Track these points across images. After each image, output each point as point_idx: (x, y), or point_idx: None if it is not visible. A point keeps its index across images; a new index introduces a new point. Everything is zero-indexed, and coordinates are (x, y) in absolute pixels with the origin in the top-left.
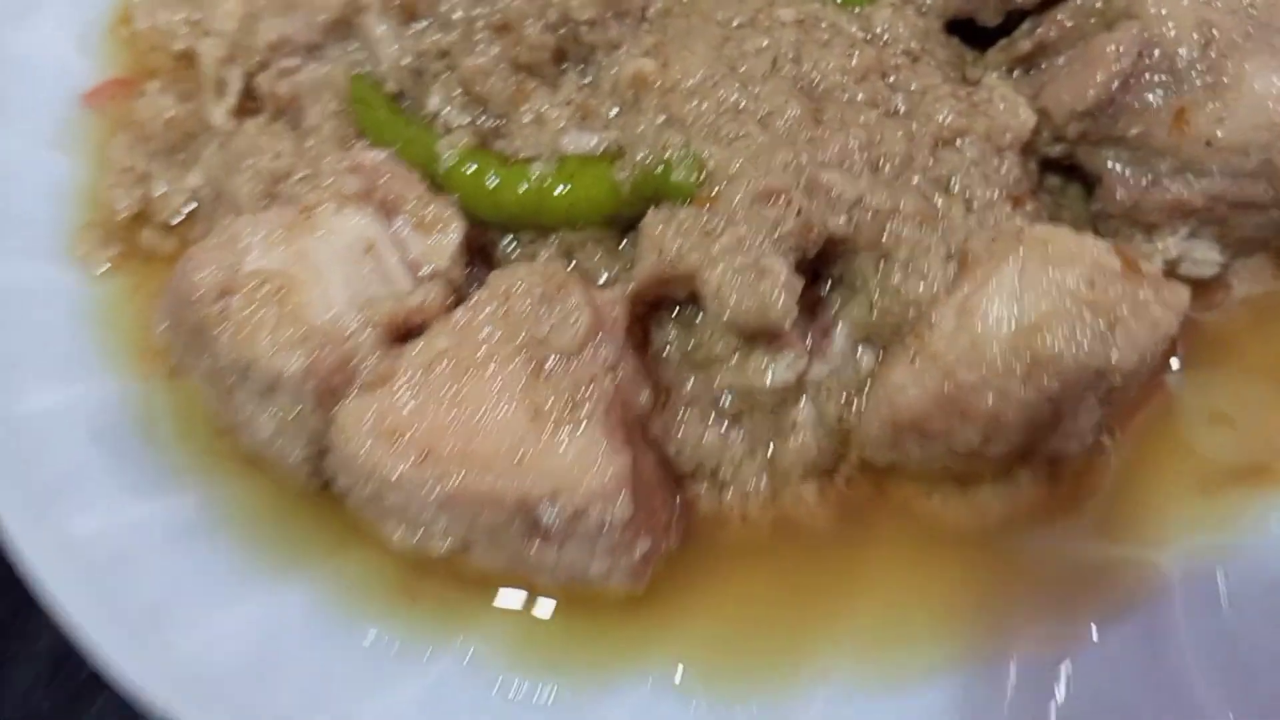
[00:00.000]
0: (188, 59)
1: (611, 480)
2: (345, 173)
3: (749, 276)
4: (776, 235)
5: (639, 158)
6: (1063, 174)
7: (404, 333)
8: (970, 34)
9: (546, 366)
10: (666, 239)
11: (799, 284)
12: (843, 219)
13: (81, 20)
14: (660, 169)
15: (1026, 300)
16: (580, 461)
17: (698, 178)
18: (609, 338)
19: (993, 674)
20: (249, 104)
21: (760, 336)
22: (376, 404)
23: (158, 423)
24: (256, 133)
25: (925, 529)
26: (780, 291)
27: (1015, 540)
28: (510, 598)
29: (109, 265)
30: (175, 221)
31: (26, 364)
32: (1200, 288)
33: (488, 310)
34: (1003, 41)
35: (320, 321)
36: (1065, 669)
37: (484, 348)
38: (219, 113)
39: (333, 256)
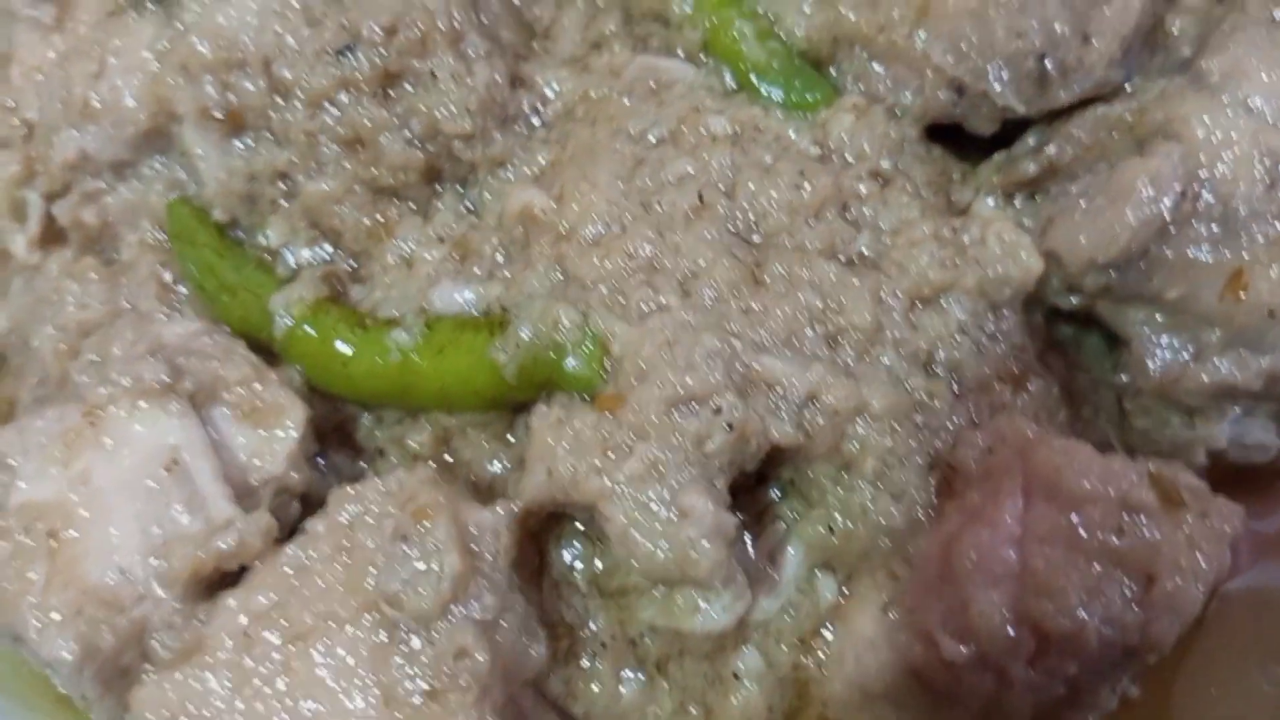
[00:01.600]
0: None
1: None
2: (142, 357)
3: (664, 517)
4: (701, 454)
5: (524, 334)
6: (1078, 324)
7: (215, 581)
8: (958, 142)
9: (402, 632)
10: (559, 455)
11: (732, 524)
12: (790, 426)
13: None
14: (551, 352)
15: (1032, 550)
16: None
17: (600, 368)
18: (486, 583)
19: None
20: (57, 228)
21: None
22: (179, 689)
23: None
24: (61, 272)
25: None
26: (705, 541)
27: None
28: None
29: None
30: None
31: None
32: (1251, 475)
33: (327, 548)
34: (999, 156)
35: (101, 581)
36: None
37: (319, 605)
38: (19, 243)
39: (123, 479)
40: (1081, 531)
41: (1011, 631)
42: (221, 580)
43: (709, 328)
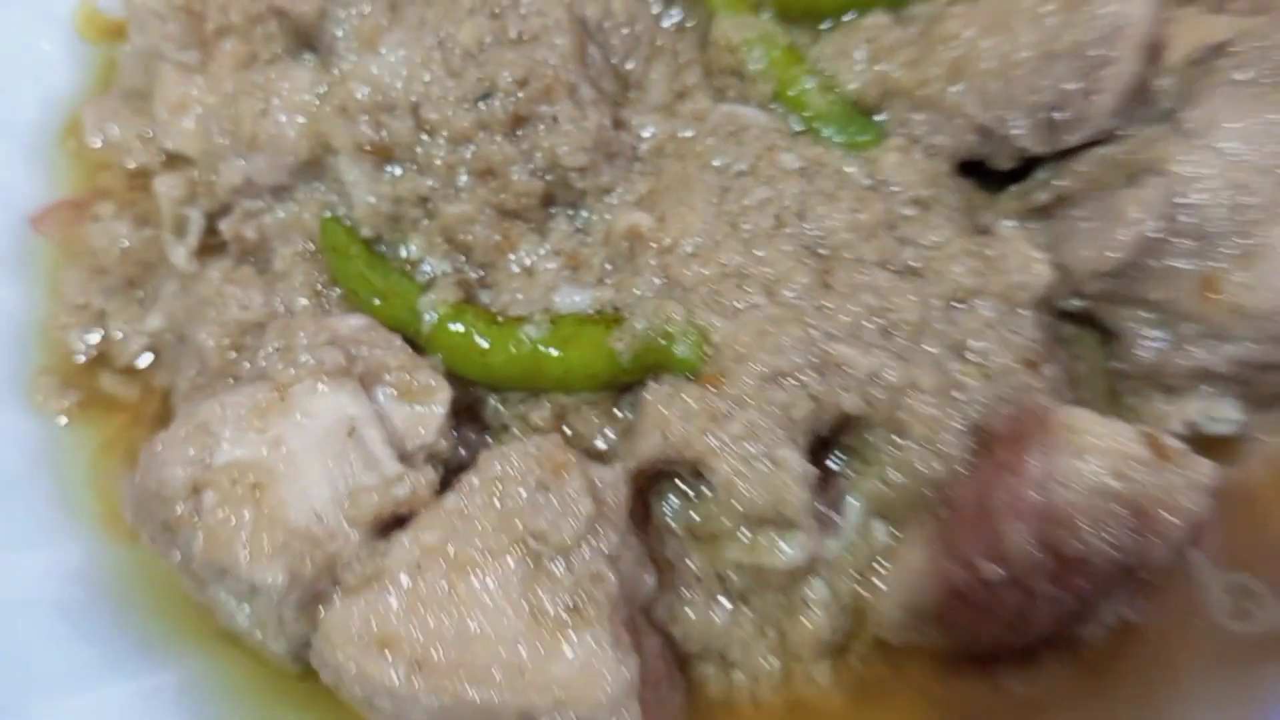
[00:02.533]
0: (143, 178)
1: (618, 691)
2: (322, 344)
3: (761, 467)
4: (788, 419)
5: (639, 327)
6: (1079, 323)
7: (390, 524)
8: (982, 175)
9: (545, 561)
10: (671, 421)
11: (814, 474)
12: (857, 398)
13: (28, 132)
14: (662, 341)
15: (1053, 493)
16: (585, 671)
17: (703, 352)
18: (611, 525)
19: None
20: (212, 241)
21: (774, 522)
22: (363, 610)
23: (129, 592)
24: (221, 279)
25: (944, 711)
26: (795, 485)
27: None
28: None
29: (69, 414)
30: (138, 366)
31: None
32: (1220, 444)
33: (480, 499)
34: (1015, 188)
35: (300, 523)
36: None
37: (477, 542)
38: (180, 254)
39: (312, 444)
40: (1089, 476)
41: (1036, 555)
42: (393, 524)
43: (792, 321)
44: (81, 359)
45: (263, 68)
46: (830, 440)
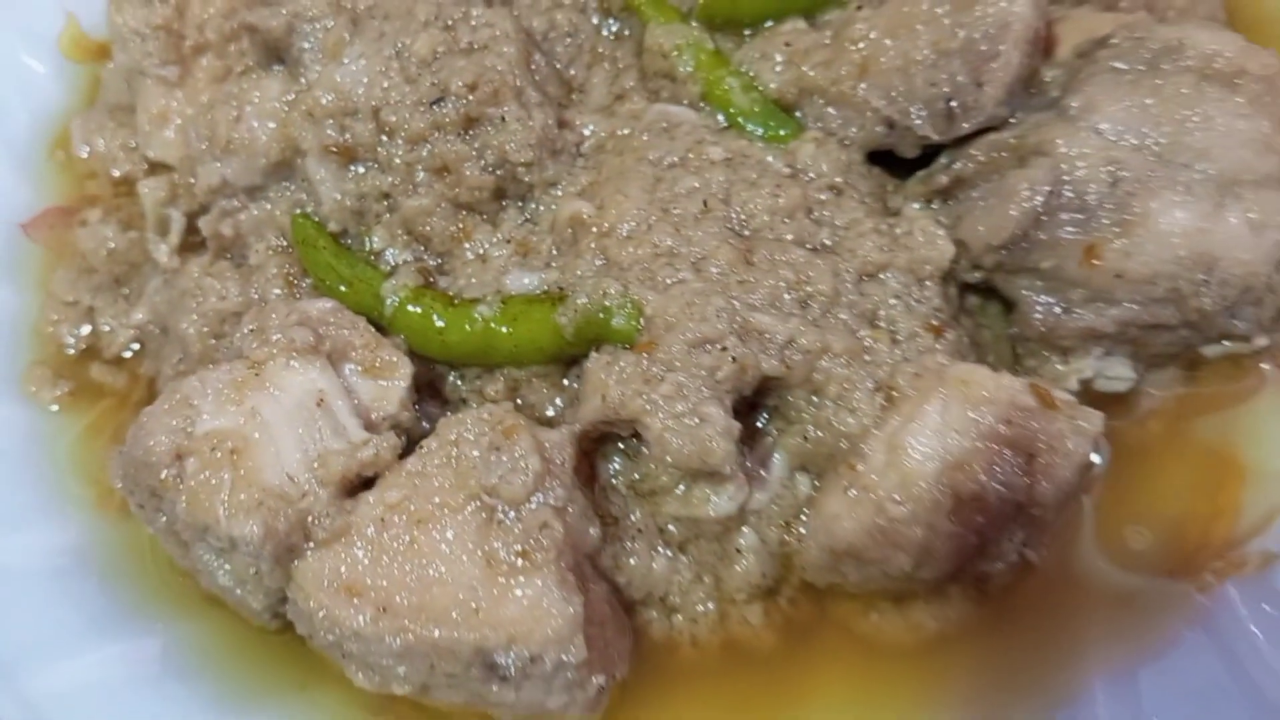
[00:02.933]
0: (127, 185)
1: (565, 626)
2: (292, 325)
3: (689, 423)
4: (714, 380)
5: (580, 302)
6: (982, 294)
7: (357, 484)
8: (891, 163)
9: (498, 514)
10: (609, 385)
11: (737, 428)
12: (776, 361)
13: (17, 145)
14: (601, 314)
15: (950, 439)
16: (533, 610)
17: (637, 323)
18: (558, 480)
19: None
20: (192, 239)
21: (703, 474)
22: (332, 561)
23: (117, 563)
24: (200, 272)
25: (865, 646)
26: (720, 439)
27: (950, 653)
28: None
29: (60, 402)
30: (125, 355)
31: None
32: (1116, 398)
33: (437, 459)
34: (921, 173)
35: (274, 483)
36: None
37: (435, 498)
38: (163, 251)
39: (284, 414)
40: (982, 424)
41: (936, 495)
42: (360, 485)
43: (716, 293)
44: (72, 352)
45: (236, 79)
46: (757, 402)
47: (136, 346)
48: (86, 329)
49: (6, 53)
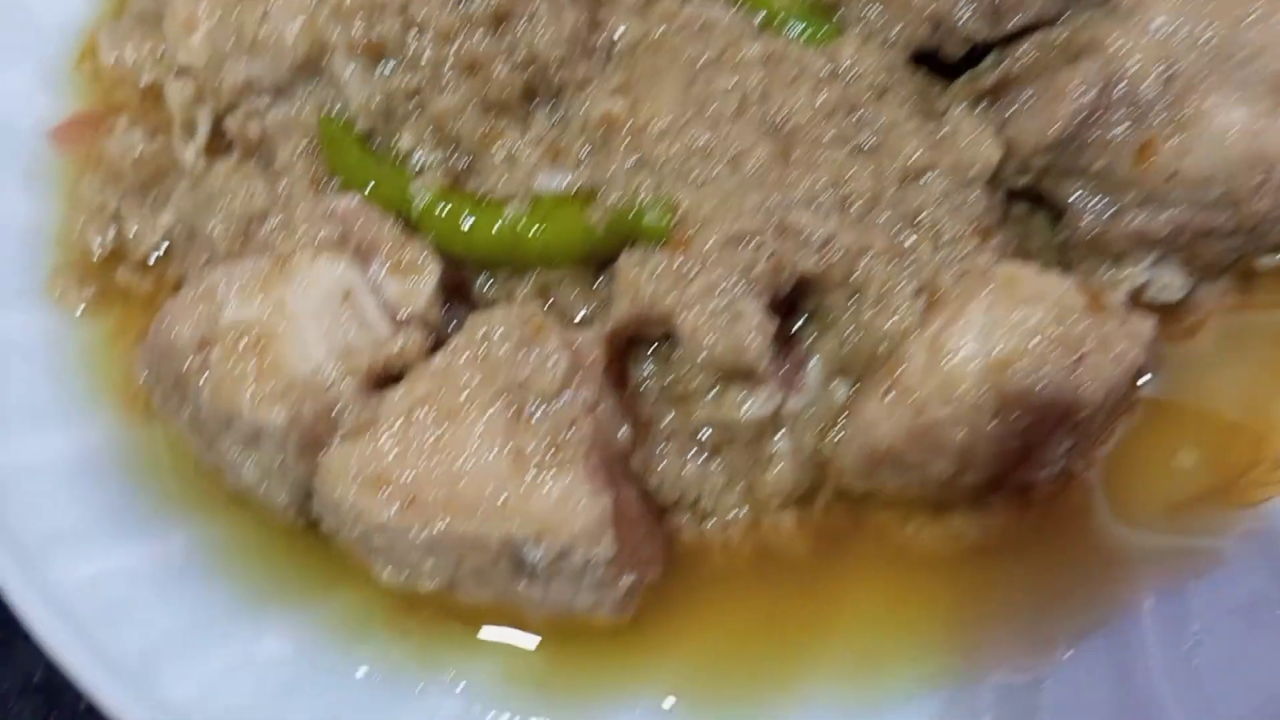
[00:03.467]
0: (154, 94)
1: (594, 521)
2: (319, 220)
3: (723, 320)
4: (749, 278)
5: (611, 200)
6: (1029, 202)
7: (384, 379)
8: (935, 65)
9: (527, 410)
10: (641, 283)
11: (772, 325)
12: (814, 259)
13: (46, 56)
14: (633, 212)
15: (995, 338)
16: (563, 504)
17: (670, 220)
18: (587, 379)
19: (969, 696)
20: (219, 142)
21: (736, 374)
22: (359, 452)
23: (142, 464)
24: (227, 173)
25: (901, 555)
26: (754, 334)
27: (989, 565)
28: (498, 630)
29: (86, 306)
30: (151, 260)
31: (7, 412)
32: (1168, 310)
33: (466, 355)
34: (967, 74)
35: (301, 373)
36: (1038, 690)
37: (464, 393)
38: (189, 153)
39: (309, 307)
40: (1028, 324)
41: (979, 396)
42: (386, 381)
43: (753, 189)
44: (97, 256)
45: None
46: (793, 306)
47: (164, 249)
48: (113, 233)
49: None
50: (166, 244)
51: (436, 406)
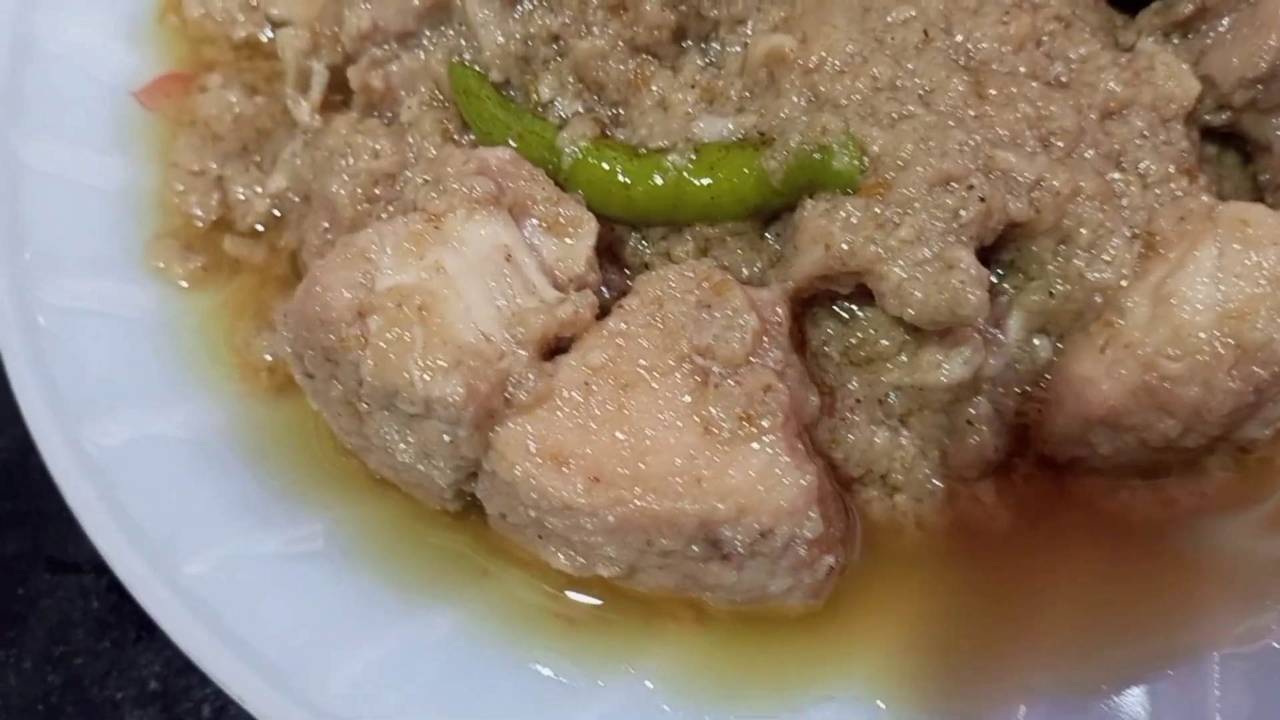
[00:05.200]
0: (250, 48)
1: (800, 497)
2: (472, 174)
3: (933, 271)
4: (957, 224)
5: (793, 144)
6: (1219, 142)
7: (552, 347)
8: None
9: (713, 377)
10: (834, 233)
11: (987, 275)
12: (1024, 203)
13: (126, 10)
14: (818, 155)
15: (1229, 285)
16: (763, 479)
17: (860, 164)
18: (774, 342)
19: (1195, 672)
20: (333, 98)
21: (934, 331)
22: (537, 427)
23: (269, 446)
24: (349, 130)
25: (1111, 525)
26: (971, 285)
27: (1206, 532)
28: (676, 617)
29: (191, 278)
30: (260, 227)
31: (115, 392)
32: None
33: (641, 319)
34: (1157, 4)
35: (470, 341)
36: (1266, 661)
37: (642, 360)
38: (304, 109)
39: (470, 268)
40: (1266, 266)
41: (1216, 347)
42: (555, 349)
43: (954, 126)
44: (201, 224)
45: None
46: (988, 256)
47: (275, 215)
48: (216, 199)
49: None
50: (276, 210)
51: (615, 375)
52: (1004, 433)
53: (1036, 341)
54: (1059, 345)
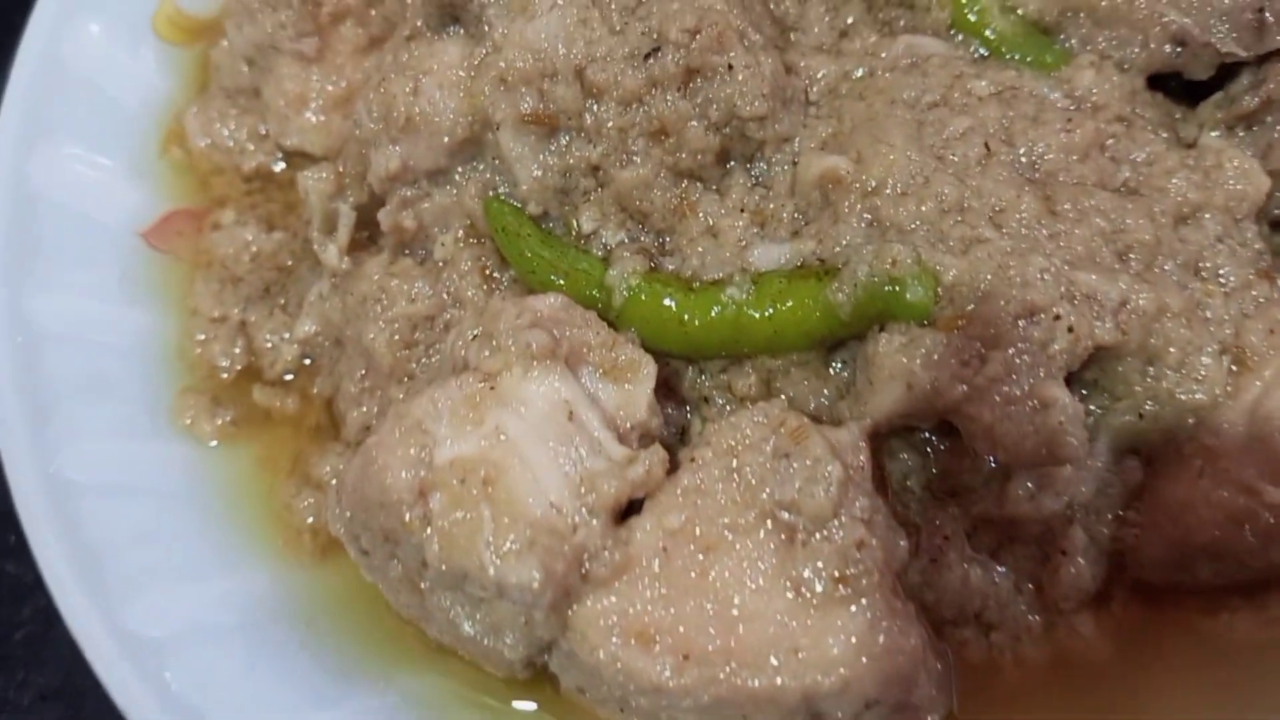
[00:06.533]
0: (263, 179)
1: (908, 663)
2: (526, 327)
3: (1027, 409)
4: (1046, 356)
5: (860, 275)
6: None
7: (625, 507)
8: (1167, 88)
9: (799, 534)
10: (915, 371)
11: (1083, 409)
12: (1111, 326)
13: (126, 145)
14: (889, 288)
15: None
16: (868, 646)
17: (935, 294)
18: (858, 488)
19: None
20: (357, 234)
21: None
22: (618, 602)
23: (319, 616)
24: (381, 273)
25: (1215, 648)
26: (1069, 425)
27: None
28: None
29: (221, 435)
30: (290, 375)
31: (153, 570)
32: None
33: (716, 472)
34: (1218, 96)
35: (539, 515)
36: None
37: (722, 519)
38: (332, 253)
39: (532, 432)
40: None
41: None
42: (627, 509)
43: (1031, 250)
44: (226, 375)
45: (405, 46)
46: (1070, 376)
47: (305, 362)
48: (241, 346)
49: (99, 43)
50: (306, 357)
51: (694, 538)
52: (1100, 560)
53: (1127, 462)
54: (1151, 467)
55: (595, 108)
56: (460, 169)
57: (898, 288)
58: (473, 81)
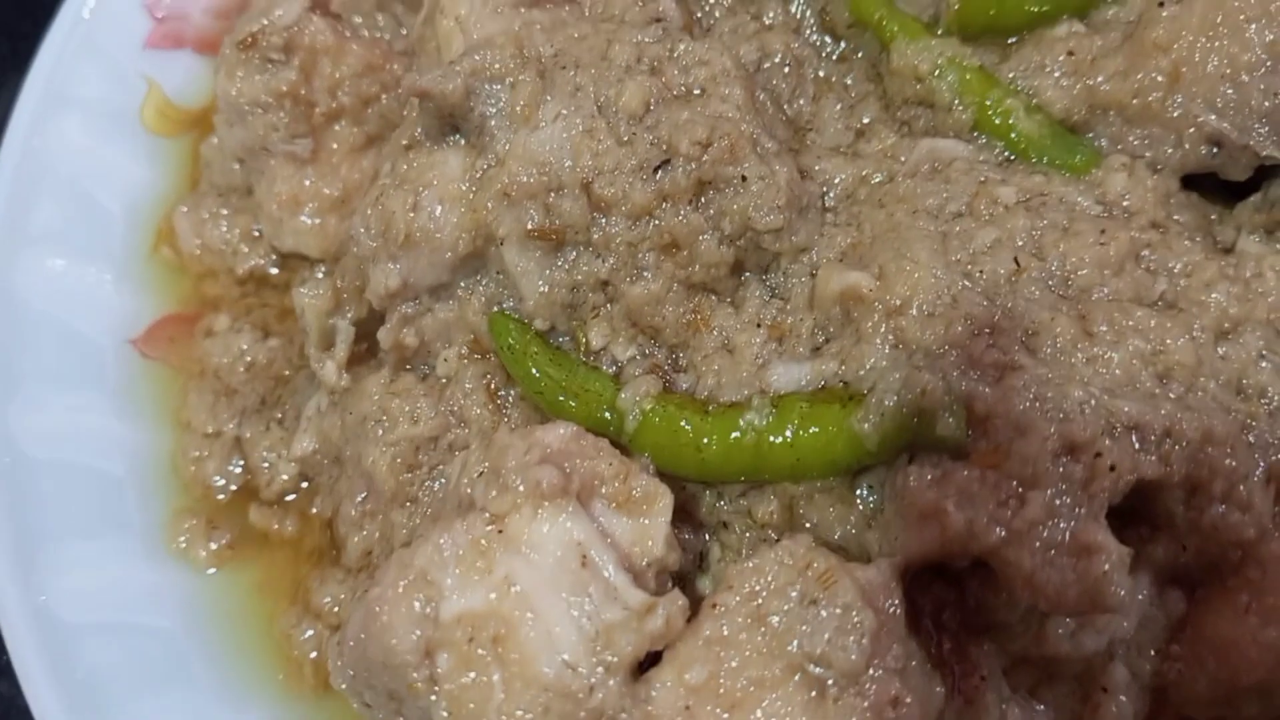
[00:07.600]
0: (257, 282)
1: None
2: (535, 464)
3: (1069, 556)
4: (1087, 496)
5: (889, 404)
6: None
7: (644, 660)
8: (1201, 188)
9: (829, 688)
10: (949, 512)
11: (1128, 553)
12: (1154, 459)
13: (113, 247)
14: (918, 419)
15: None
16: None
17: (965, 426)
18: (891, 635)
19: None
20: (356, 348)
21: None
22: None
23: None
24: (382, 392)
25: None
26: (1114, 573)
27: None
28: None
29: (218, 560)
30: (289, 496)
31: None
32: None
33: (739, 620)
34: (1256, 198)
35: (551, 675)
36: None
37: (747, 673)
38: (330, 369)
39: (544, 581)
40: None
41: None
42: (646, 660)
43: (1067, 380)
44: (222, 496)
45: (404, 155)
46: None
47: (303, 485)
48: (238, 465)
49: (82, 139)
50: (304, 478)
51: (718, 694)
52: (1142, 697)
53: (1170, 594)
54: (1195, 601)
55: (603, 222)
56: (463, 283)
57: (927, 419)
58: (475, 195)
